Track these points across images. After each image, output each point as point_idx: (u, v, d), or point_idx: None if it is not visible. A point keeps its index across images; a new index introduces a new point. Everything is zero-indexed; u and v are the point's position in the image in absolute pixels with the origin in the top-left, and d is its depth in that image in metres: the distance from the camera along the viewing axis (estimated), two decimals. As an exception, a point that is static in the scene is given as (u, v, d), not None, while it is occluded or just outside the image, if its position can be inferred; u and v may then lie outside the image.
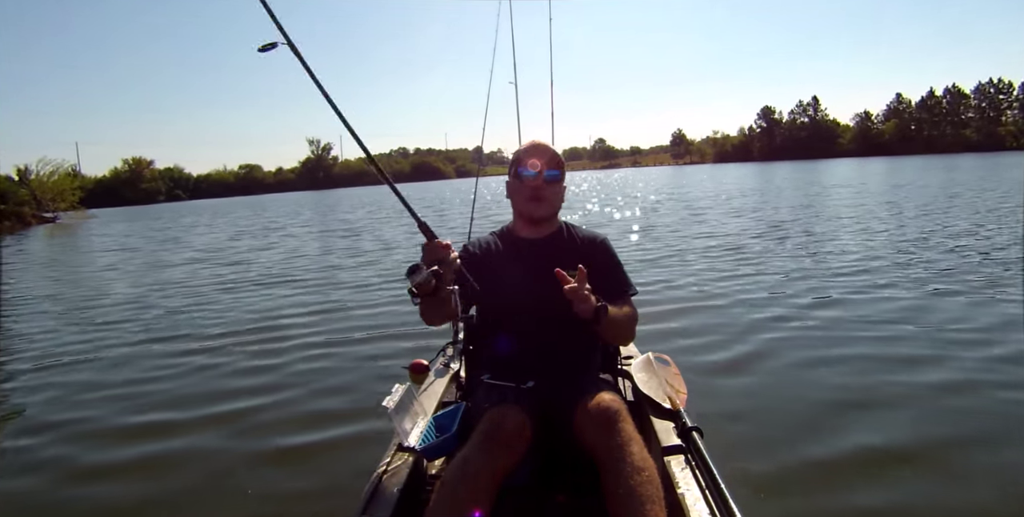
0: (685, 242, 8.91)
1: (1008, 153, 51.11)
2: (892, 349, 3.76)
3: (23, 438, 3.25)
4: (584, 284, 1.50)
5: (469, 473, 1.36)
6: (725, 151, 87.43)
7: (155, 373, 4.23)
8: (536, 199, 1.76)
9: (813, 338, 4.05)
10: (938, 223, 9.37)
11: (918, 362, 3.53)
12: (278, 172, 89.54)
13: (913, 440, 2.63)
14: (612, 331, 1.66)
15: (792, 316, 4.60)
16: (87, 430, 3.32)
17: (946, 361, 3.52)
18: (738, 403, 3.07)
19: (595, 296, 1.53)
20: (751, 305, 4.97)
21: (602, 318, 1.53)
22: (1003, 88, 72.65)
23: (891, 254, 6.96)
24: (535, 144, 1.80)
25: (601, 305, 1.53)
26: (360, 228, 15.55)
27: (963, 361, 3.50)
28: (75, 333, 5.72)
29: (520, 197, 1.78)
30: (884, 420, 2.83)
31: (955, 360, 3.53)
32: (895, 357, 3.62)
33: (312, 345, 4.61)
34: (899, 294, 5.10)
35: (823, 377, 3.39)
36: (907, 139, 71.82)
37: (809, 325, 4.36)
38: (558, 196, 1.79)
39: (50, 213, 35.89)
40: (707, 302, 5.20)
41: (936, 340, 3.88)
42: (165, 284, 8.37)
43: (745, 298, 5.22)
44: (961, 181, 19.63)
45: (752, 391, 3.25)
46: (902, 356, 3.63)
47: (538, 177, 1.74)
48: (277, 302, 6.43)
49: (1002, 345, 3.71)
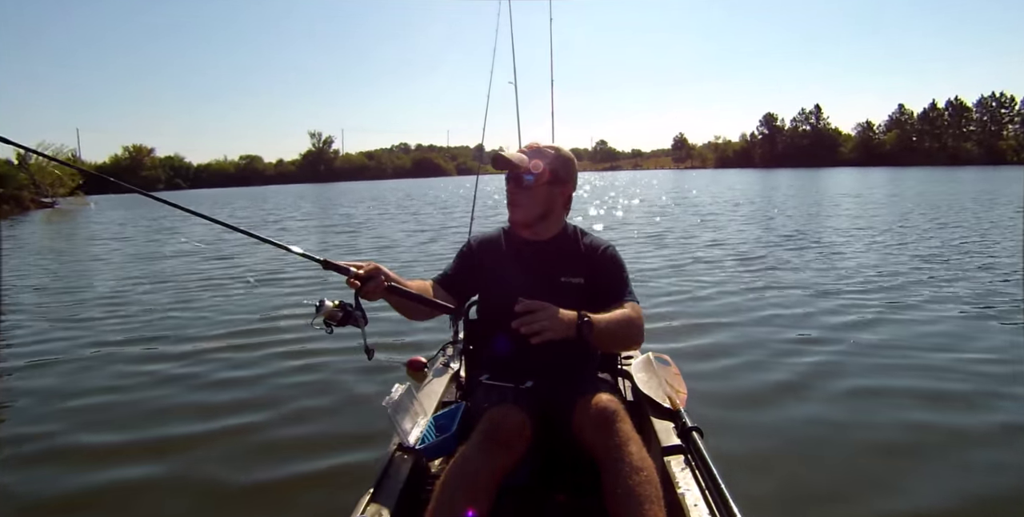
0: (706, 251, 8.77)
1: (1008, 167, 51.14)
2: (921, 381, 3.40)
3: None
4: (541, 314, 1.41)
5: (469, 473, 1.36)
6: (727, 156, 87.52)
7: (126, 380, 3.89)
8: (511, 203, 1.74)
9: (855, 365, 3.70)
10: (960, 237, 9.17)
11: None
12: (279, 164, 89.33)
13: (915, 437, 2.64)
14: (607, 341, 1.59)
15: (824, 338, 4.23)
16: (39, 451, 2.92)
17: (990, 399, 3.13)
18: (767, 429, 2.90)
19: (576, 312, 1.48)
20: (771, 320, 4.72)
21: (586, 334, 1.47)
22: (1005, 102, 72.90)
23: (916, 270, 6.66)
24: (522, 148, 1.77)
25: (583, 322, 1.47)
26: (360, 223, 15.50)
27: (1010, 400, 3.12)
28: (46, 330, 5.36)
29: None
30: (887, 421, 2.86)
31: (1001, 398, 3.14)
32: (920, 391, 3.30)
33: (311, 344, 4.59)
34: (929, 315, 4.75)
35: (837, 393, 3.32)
36: (908, 150, 72.00)
37: (845, 349, 3.98)
38: (536, 200, 1.71)
39: (49, 198, 35.73)
40: (726, 318, 4.90)
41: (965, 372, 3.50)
42: (150, 278, 8.06)
43: (762, 315, 4.92)
44: (971, 192, 19.49)
45: (783, 422, 2.98)
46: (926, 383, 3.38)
47: (509, 182, 1.72)
48: (268, 300, 6.32)
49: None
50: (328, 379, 3.78)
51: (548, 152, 1.73)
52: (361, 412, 3.19)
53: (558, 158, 1.73)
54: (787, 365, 3.67)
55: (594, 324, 1.48)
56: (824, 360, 3.74)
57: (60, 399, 3.62)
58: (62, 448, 2.97)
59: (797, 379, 3.45)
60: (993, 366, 3.60)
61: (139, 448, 2.95)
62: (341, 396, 3.50)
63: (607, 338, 1.54)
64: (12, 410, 3.54)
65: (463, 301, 1.88)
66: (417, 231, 13.01)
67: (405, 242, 11.09)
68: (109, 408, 3.47)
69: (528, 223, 1.75)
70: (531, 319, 1.40)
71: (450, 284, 1.80)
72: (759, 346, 4.07)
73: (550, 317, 1.42)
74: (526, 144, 1.80)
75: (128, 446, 2.97)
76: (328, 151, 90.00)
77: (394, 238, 11.88)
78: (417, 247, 10.23)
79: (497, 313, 1.79)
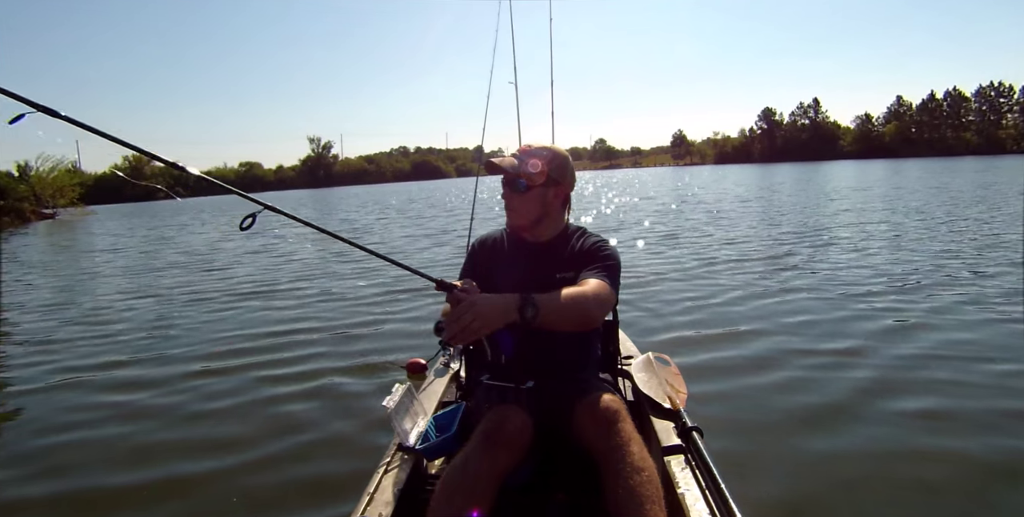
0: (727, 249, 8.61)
1: (1009, 156, 50.91)
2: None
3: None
4: (465, 315, 1.29)
5: (469, 473, 1.36)
6: (726, 152, 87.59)
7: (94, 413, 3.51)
8: (507, 208, 1.75)
9: (857, 365, 3.59)
10: (979, 231, 8.84)
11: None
12: (279, 170, 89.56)
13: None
14: (556, 317, 1.42)
15: (825, 338, 4.09)
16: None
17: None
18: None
19: (516, 294, 1.37)
20: (771, 320, 4.61)
21: (530, 316, 1.35)
22: (1004, 91, 72.79)
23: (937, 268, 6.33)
24: (516, 151, 1.76)
25: (525, 303, 1.35)
26: (360, 229, 15.47)
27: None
28: (18, 354, 4.95)
29: None
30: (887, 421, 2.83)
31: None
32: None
33: (310, 346, 4.60)
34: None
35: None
36: (908, 141, 71.91)
37: (846, 348, 3.88)
38: (531, 204, 1.70)
39: (49, 209, 35.88)
40: (726, 316, 4.81)
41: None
42: (137, 292, 7.69)
43: (762, 314, 4.85)
44: (984, 184, 19.22)
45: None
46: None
47: (504, 187, 1.72)
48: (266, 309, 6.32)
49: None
50: (328, 379, 3.79)
51: (541, 153, 1.71)
52: (361, 413, 3.19)
53: (552, 159, 1.71)
54: (787, 364, 3.64)
55: (539, 304, 1.37)
56: (825, 361, 3.69)
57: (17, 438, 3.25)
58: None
59: (796, 379, 3.42)
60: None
61: (131, 453, 2.94)
62: (341, 397, 3.50)
63: (556, 314, 1.41)
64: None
65: None
66: (423, 235, 12.90)
67: (408, 248, 10.99)
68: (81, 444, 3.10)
69: (526, 226, 1.75)
70: (452, 323, 1.29)
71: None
72: (760, 345, 4.05)
73: (475, 311, 1.29)
74: (519, 146, 1.79)
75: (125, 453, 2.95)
76: (327, 156, 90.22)
77: (395, 244, 11.81)
78: (424, 255, 9.91)
79: None
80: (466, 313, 1.29)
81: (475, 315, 1.29)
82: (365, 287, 7.02)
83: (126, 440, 3.11)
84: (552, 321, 1.41)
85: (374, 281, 7.37)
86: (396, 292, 6.47)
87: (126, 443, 3.07)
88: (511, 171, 1.68)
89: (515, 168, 1.68)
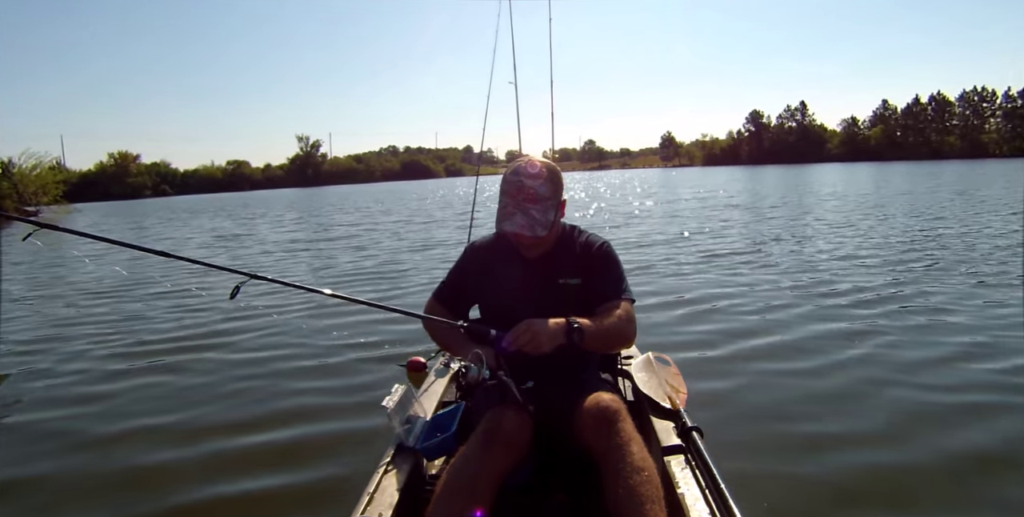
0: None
1: (992, 160, 51.57)
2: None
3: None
4: (524, 335, 1.48)
5: (469, 473, 1.37)
6: (714, 154, 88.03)
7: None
8: (523, 247, 1.73)
9: (858, 361, 3.63)
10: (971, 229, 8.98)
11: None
12: (266, 169, 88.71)
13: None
14: (599, 344, 1.62)
15: (827, 336, 4.12)
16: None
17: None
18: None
19: (566, 320, 1.52)
20: (772, 320, 4.65)
21: (577, 341, 1.52)
22: (987, 96, 73.77)
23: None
24: (519, 185, 1.63)
25: (574, 329, 1.51)
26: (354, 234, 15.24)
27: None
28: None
29: None
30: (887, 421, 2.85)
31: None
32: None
33: (310, 346, 4.56)
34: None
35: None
36: (893, 145, 72.75)
37: (847, 346, 3.88)
38: (544, 240, 1.70)
39: (32, 207, 35.28)
40: (725, 315, 4.83)
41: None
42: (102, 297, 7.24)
43: (761, 312, 4.86)
44: (975, 185, 19.45)
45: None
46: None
47: (518, 235, 1.65)
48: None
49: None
50: (327, 380, 3.76)
51: (538, 183, 1.64)
52: (361, 413, 3.17)
53: (549, 182, 1.66)
54: (788, 364, 3.65)
55: (584, 330, 1.53)
56: (826, 361, 3.69)
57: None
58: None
59: (796, 379, 3.43)
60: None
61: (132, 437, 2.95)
62: (340, 397, 3.48)
63: (599, 341, 1.59)
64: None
65: (466, 310, 1.88)
66: (423, 248, 12.47)
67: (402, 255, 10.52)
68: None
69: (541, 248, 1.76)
70: (517, 340, 1.49)
71: (451, 296, 1.84)
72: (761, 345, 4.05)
73: (533, 334, 1.48)
74: (517, 168, 1.67)
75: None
76: (316, 155, 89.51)
77: (390, 249, 11.54)
78: (429, 266, 8.98)
79: (499, 317, 1.79)
80: (524, 333, 1.48)
81: (532, 337, 1.48)
82: (365, 287, 7.00)
83: (126, 439, 3.07)
84: (595, 345, 1.60)
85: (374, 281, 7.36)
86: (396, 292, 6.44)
87: (126, 442, 3.03)
88: (529, 235, 1.63)
89: (531, 229, 1.62)
